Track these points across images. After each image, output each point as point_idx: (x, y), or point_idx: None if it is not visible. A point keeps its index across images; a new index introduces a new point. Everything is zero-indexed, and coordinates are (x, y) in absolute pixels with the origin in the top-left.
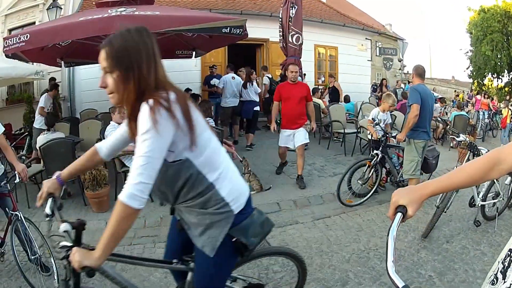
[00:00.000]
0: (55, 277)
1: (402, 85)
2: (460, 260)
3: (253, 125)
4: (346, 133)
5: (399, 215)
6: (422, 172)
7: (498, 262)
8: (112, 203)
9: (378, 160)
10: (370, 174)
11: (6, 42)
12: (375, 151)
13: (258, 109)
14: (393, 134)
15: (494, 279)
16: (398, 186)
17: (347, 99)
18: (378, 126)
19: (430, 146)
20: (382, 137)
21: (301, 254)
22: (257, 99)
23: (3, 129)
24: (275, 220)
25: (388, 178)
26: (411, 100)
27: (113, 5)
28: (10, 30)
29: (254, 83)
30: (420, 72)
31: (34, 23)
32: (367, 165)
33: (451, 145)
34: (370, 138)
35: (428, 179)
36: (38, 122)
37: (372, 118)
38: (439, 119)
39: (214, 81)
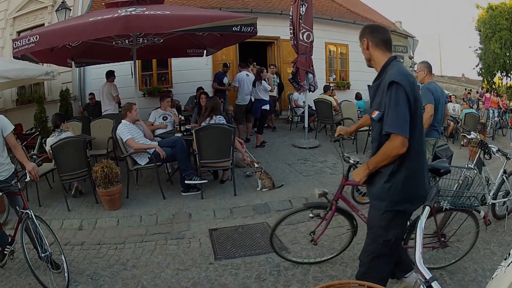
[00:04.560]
0: (66, 274)
1: (419, 83)
2: (470, 259)
3: (262, 125)
4: (358, 130)
5: (427, 208)
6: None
7: None
8: (124, 201)
9: None
10: None
11: (16, 43)
12: None
13: (267, 108)
14: None
15: (507, 255)
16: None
17: (359, 97)
18: None
19: (444, 145)
20: None
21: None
22: (267, 98)
23: (13, 127)
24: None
25: None
26: (424, 100)
27: (123, 5)
28: (18, 32)
29: (263, 81)
30: (431, 68)
31: (42, 24)
32: None
33: (462, 143)
34: None
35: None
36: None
37: None
38: (450, 117)
39: (225, 80)
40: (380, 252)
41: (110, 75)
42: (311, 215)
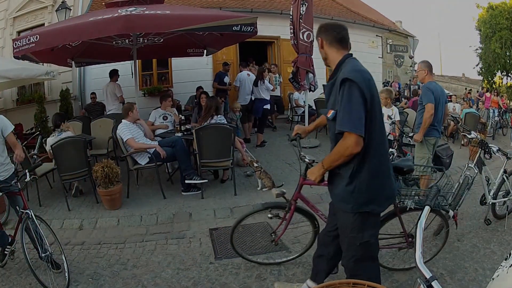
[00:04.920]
0: (66, 274)
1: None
2: (470, 259)
3: (262, 124)
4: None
5: (427, 208)
6: (436, 170)
7: None
8: (124, 200)
9: (393, 159)
10: None
11: (16, 43)
12: (390, 149)
13: (268, 108)
14: (410, 134)
15: (508, 255)
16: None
17: None
18: (394, 124)
19: (444, 144)
20: (399, 136)
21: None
22: (268, 97)
23: (13, 127)
24: None
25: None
26: (425, 99)
27: (123, 5)
28: (18, 32)
29: (266, 80)
30: (431, 68)
31: (43, 24)
32: None
33: (462, 142)
34: None
35: (440, 178)
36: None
37: (389, 116)
38: (451, 116)
39: (226, 79)
40: (362, 255)
41: (113, 74)
42: (270, 215)
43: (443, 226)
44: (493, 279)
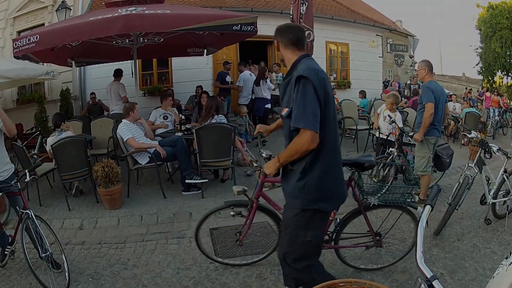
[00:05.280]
0: (66, 274)
1: (420, 82)
2: (471, 259)
3: (264, 123)
4: (359, 129)
5: (427, 207)
6: (436, 169)
7: None
8: (124, 200)
9: (393, 158)
10: (386, 171)
11: (16, 43)
12: (390, 149)
13: (269, 107)
14: (410, 134)
15: (508, 254)
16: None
17: (363, 95)
18: (394, 123)
19: (445, 144)
20: (399, 135)
21: None
22: (269, 97)
23: None
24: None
25: (403, 175)
26: (425, 99)
27: (123, 5)
28: (19, 32)
29: (268, 80)
30: (432, 67)
31: (43, 24)
32: (383, 163)
33: (463, 142)
34: (377, 135)
35: (441, 177)
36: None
37: (389, 115)
38: (451, 115)
39: (228, 78)
40: (302, 255)
41: (118, 73)
42: (232, 213)
43: (443, 226)
44: (493, 277)
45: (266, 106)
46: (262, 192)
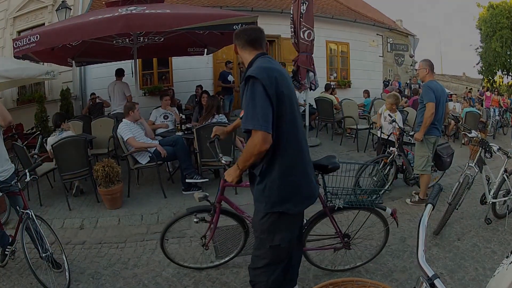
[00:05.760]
0: (67, 274)
1: (420, 81)
2: (471, 258)
3: None
4: (359, 129)
5: (429, 206)
6: (436, 169)
7: None
8: (125, 200)
9: (394, 157)
10: (387, 171)
11: (16, 43)
12: (391, 148)
13: None
14: (410, 133)
15: (509, 253)
16: (412, 184)
17: (368, 94)
18: (394, 123)
19: (445, 143)
20: (399, 135)
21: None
22: None
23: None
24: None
25: (404, 175)
26: (425, 98)
27: (123, 4)
28: (19, 32)
29: None
30: (433, 67)
31: (43, 24)
32: (384, 162)
33: (463, 141)
34: (379, 135)
35: (441, 177)
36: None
37: (389, 115)
38: (451, 115)
39: (230, 77)
40: (271, 258)
41: (120, 73)
42: (195, 219)
43: (443, 225)
44: (493, 276)
45: None
46: (223, 196)
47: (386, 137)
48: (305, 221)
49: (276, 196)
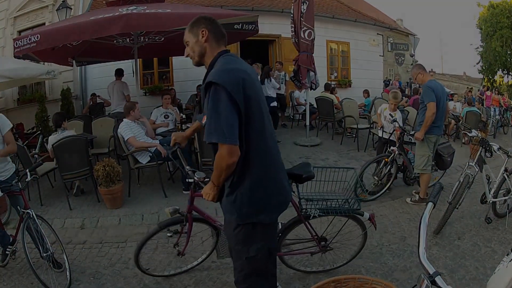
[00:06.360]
0: (68, 273)
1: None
2: (471, 257)
3: (275, 121)
4: (359, 128)
5: (430, 204)
6: (437, 168)
7: None
8: (125, 199)
9: (394, 157)
10: (387, 170)
11: (17, 43)
12: (391, 148)
13: (275, 105)
14: (411, 132)
15: (509, 251)
16: (413, 183)
17: (368, 94)
18: (395, 122)
19: (446, 143)
20: (400, 134)
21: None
22: (274, 95)
23: (11, 126)
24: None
25: (404, 175)
26: (426, 99)
27: (124, 4)
28: (19, 32)
29: (272, 79)
30: (424, 67)
31: (43, 24)
32: (384, 161)
33: (463, 141)
34: (381, 135)
35: (442, 176)
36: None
37: (390, 114)
38: (451, 114)
39: None
40: (250, 270)
41: (120, 73)
42: (169, 234)
43: (443, 224)
44: (494, 273)
45: (271, 104)
46: (194, 206)
47: (387, 136)
48: (280, 226)
49: (248, 207)
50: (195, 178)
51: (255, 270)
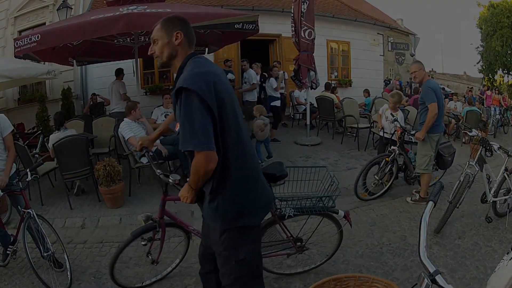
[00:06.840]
0: (68, 273)
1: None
2: (472, 257)
3: (277, 120)
4: (360, 128)
5: (430, 203)
6: (437, 168)
7: None
8: (126, 199)
9: (395, 156)
10: (388, 170)
11: (17, 43)
12: (392, 147)
13: (278, 104)
14: (412, 132)
15: (510, 249)
16: (414, 182)
17: (369, 93)
18: (396, 122)
19: (447, 142)
20: (401, 134)
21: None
22: (275, 94)
23: (12, 128)
24: None
25: (404, 174)
26: (427, 100)
27: (124, 4)
28: (20, 32)
29: (272, 78)
30: (424, 66)
31: (44, 24)
32: (385, 161)
33: (463, 140)
34: (382, 135)
35: (442, 175)
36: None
37: (391, 114)
38: (452, 114)
39: (230, 76)
40: (240, 273)
41: (119, 73)
42: (143, 242)
43: (443, 224)
44: (494, 272)
45: (273, 103)
46: (166, 210)
47: (389, 136)
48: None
49: (231, 212)
50: (170, 181)
51: (247, 272)
